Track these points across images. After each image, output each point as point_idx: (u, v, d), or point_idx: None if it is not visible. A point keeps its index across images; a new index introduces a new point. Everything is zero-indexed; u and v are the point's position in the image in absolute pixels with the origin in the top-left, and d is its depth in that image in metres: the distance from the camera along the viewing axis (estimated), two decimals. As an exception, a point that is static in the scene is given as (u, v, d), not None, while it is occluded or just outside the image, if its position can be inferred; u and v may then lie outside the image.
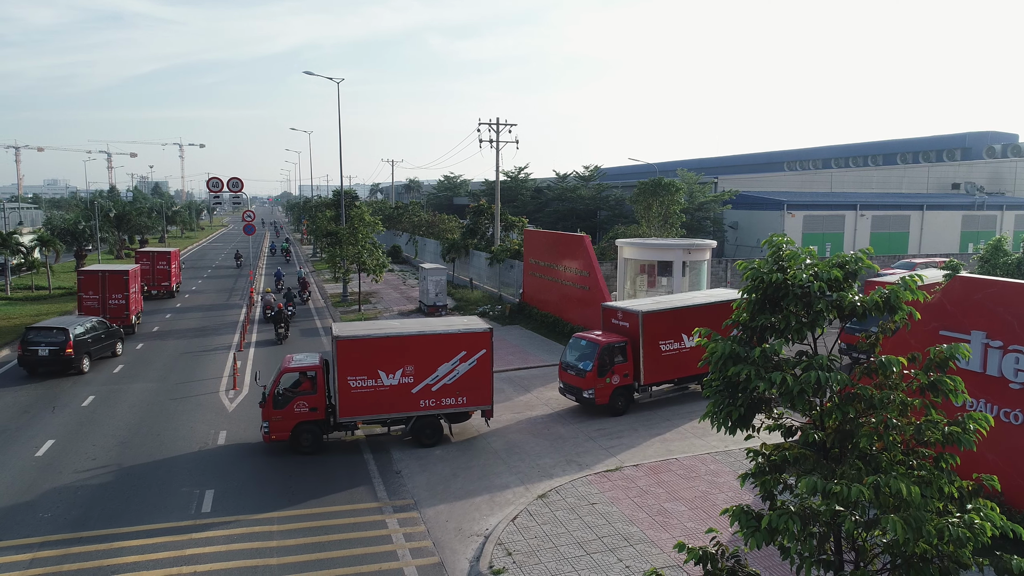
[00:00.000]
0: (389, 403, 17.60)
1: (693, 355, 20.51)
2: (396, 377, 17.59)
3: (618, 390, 19.93)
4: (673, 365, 20.83)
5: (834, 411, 5.54)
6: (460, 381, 18.00)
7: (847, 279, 5.77)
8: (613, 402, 19.88)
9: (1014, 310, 12.87)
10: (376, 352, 17.55)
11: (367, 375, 17.41)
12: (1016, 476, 12.79)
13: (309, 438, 17.41)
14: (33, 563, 12.14)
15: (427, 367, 17.78)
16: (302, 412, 17.26)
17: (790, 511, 5.38)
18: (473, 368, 18.04)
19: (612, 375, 19.78)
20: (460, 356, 17.98)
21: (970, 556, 5.39)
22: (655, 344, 20.36)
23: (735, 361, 5.83)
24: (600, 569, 11.97)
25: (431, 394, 17.85)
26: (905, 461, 5.59)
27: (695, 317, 20.74)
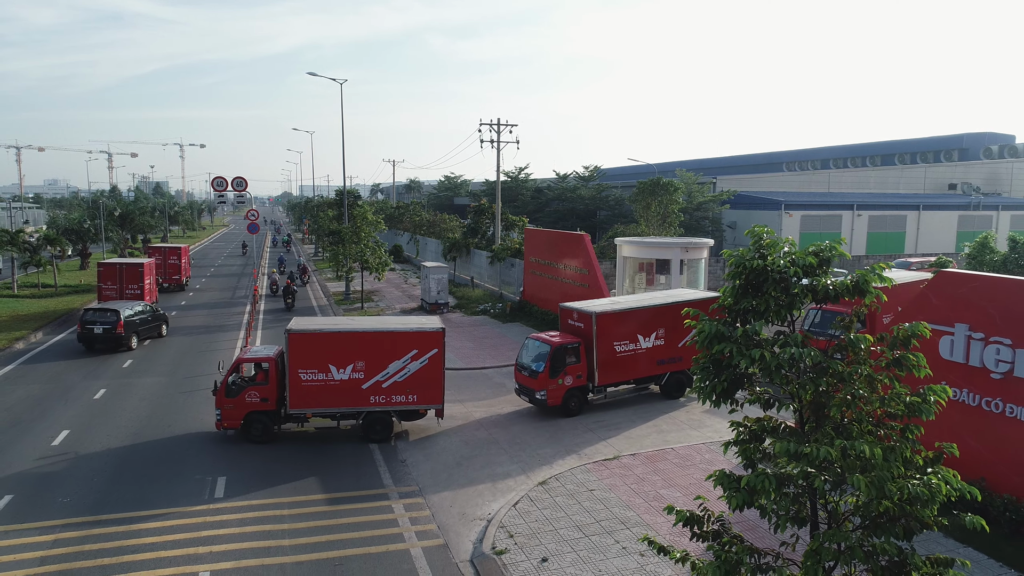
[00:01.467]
0: (339, 398, 17.96)
1: (650, 356, 20.74)
2: (347, 372, 17.88)
3: (571, 391, 19.77)
4: (630, 366, 20.61)
5: (808, 384, 6.10)
6: (411, 379, 18.12)
7: (821, 265, 6.32)
8: (566, 403, 19.74)
9: (995, 303, 13.42)
10: (327, 347, 17.89)
11: (318, 369, 17.79)
12: (997, 462, 13.33)
13: (260, 428, 17.91)
14: (56, 543, 12.70)
15: (378, 364, 17.99)
16: (253, 402, 17.81)
17: (767, 473, 5.93)
18: (424, 367, 18.16)
19: (565, 376, 19.58)
20: (411, 355, 18.10)
21: (931, 515, 5.93)
22: (610, 345, 20.14)
23: (720, 340, 6.37)
24: (598, 550, 12.53)
25: (381, 391, 18.06)
26: (874, 431, 6.13)
27: (653, 318, 20.78)
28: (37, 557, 12.21)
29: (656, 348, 20.79)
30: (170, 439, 18.19)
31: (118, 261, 36.34)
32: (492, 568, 12.09)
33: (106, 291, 34.20)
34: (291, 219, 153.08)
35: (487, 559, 12.38)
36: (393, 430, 18.52)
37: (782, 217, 52.12)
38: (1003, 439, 13.22)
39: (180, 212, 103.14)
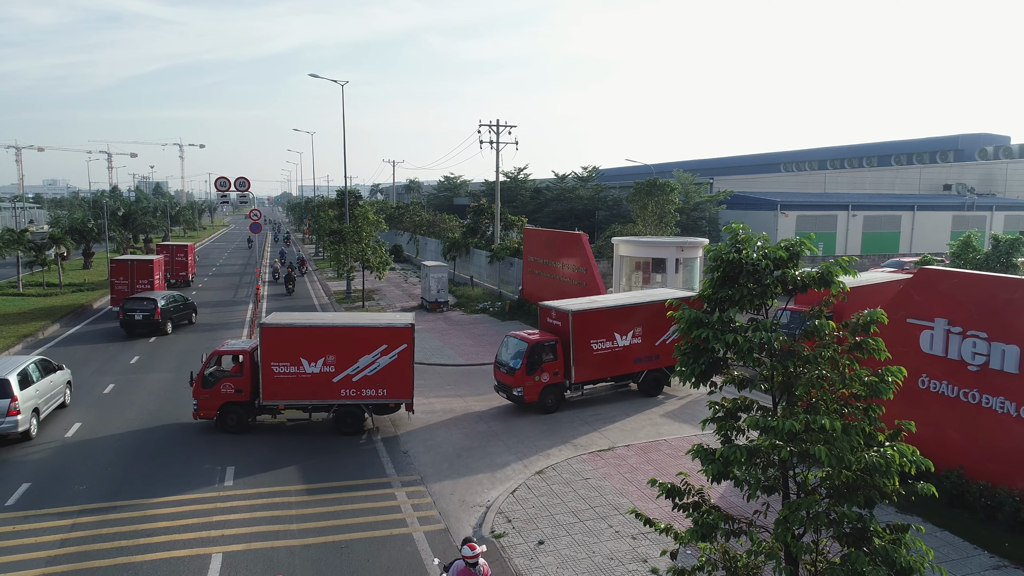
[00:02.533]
0: (311, 390, 18.45)
1: (628, 354, 21.04)
2: (318, 366, 18.36)
3: (548, 388, 20.03)
4: (607, 363, 20.89)
5: (778, 366, 6.69)
6: (381, 373, 18.53)
7: (791, 259, 6.90)
8: (543, 400, 20.01)
9: (972, 299, 14.02)
10: (298, 341, 18.45)
11: (290, 362, 18.30)
12: (975, 451, 13.93)
13: (234, 418, 18.53)
14: (75, 527, 13.29)
15: (348, 358, 18.42)
16: (228, 393, 18.43)
17: (738, 445, 6.52)
18: (394, 362, 18.55)
19: (541, 373, 19.86)
20: (381, 349, 18.50)
21: (891, 486, 6.52)
22: (586, 343, 20.41)
23: (698, 326, 6.95)
24: (592, 533, 13.13)
25: (352, 384, 18.51)
26: (839, 410, 6.72)
27: (631, 316, 21.12)
28: (57, 540, 12.80)
29: (633, 346, 21.16)
30: (178, 432, 18.77)
31: (130, 258, 38.33)
32: (491, 551, 12.65)
33: (118, 286, 36.07)
34: (291, 219, 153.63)
35: (486, 542, 12.95)
36: (364, 424, 18.93)
37: (778, 217, 52.75)
38: (979, 428, 13.82)
39: (181, 212, 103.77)
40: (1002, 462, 13.40)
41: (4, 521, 13.52)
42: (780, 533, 6.55)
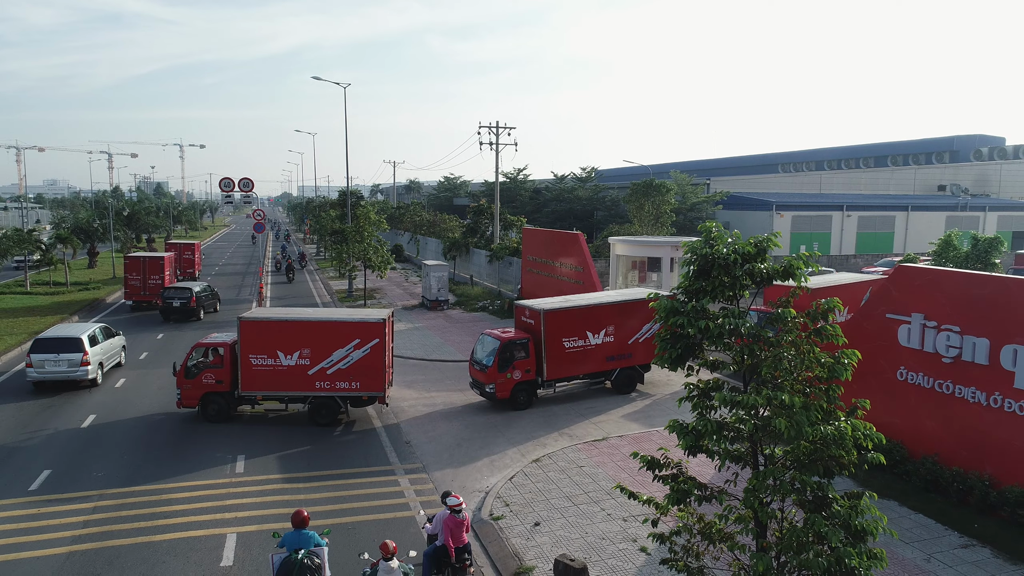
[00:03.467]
0: (287, 382, 19.20)
1: (600, 352, 21.43)
2: (293, 358, 19.10)
3: (520, 385, 20.41)
4: (579, 362, 21.24)
5: (745, 349, 7.42)
6: (354, 367, 19.16)
7: (758, 254, 7.63)
8: (515, 397, 20.39)
9: (946, 294, 14.77)
10: (275, 334, 19.22)
11: (267, 354, 19.11)
12: (950, 439, 14.66)
13: (215, 408, 19.38)
14: (96, 510, 14.04)
15: (322, 351, 19.09)
16: (209, 383, 19.26)
17: (709, 419, 7.26)
18: (366, 356, 19.15)
19: (513, 371, 20.26)
20: (354, 344, 19.11)
21: (848, 459, 7.26)
22: (558, 341, 20.80)
23: (675, 314, 7.69)
24: (585, 516, 13.88)
25: (326, 377, 19.18)
26: (801, 389, 7.45)
27: (603, 315, 21.52)
28: (80, 521, 13.56)
29: (606, 345, 21.55)
30: (189, 424, 19.50)
31: (142, 255, 40.56)
32: (490, 532, 13.43)
33: (131, 281, 38.24)
34: (291, 219, 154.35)
35: (485, 524, 13.72)
36: (340, 416, 19.59)
37: (773, 217, 53.50)
38: (953, 418, 14.55)
39: (183, 212, 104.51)
40: (973, 449, 14.13)
41: (30, 504, 14.28)
42: (749, 501, 7.29)
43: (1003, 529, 12.91)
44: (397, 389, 22.74)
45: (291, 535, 10.47)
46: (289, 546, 10.33)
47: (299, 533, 10.47)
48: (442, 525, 10.95)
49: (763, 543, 7.39)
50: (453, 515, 10.80)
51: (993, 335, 13.71)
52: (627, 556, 12.37)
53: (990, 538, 12.76)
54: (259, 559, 12.29)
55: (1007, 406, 13.48)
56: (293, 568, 9.94)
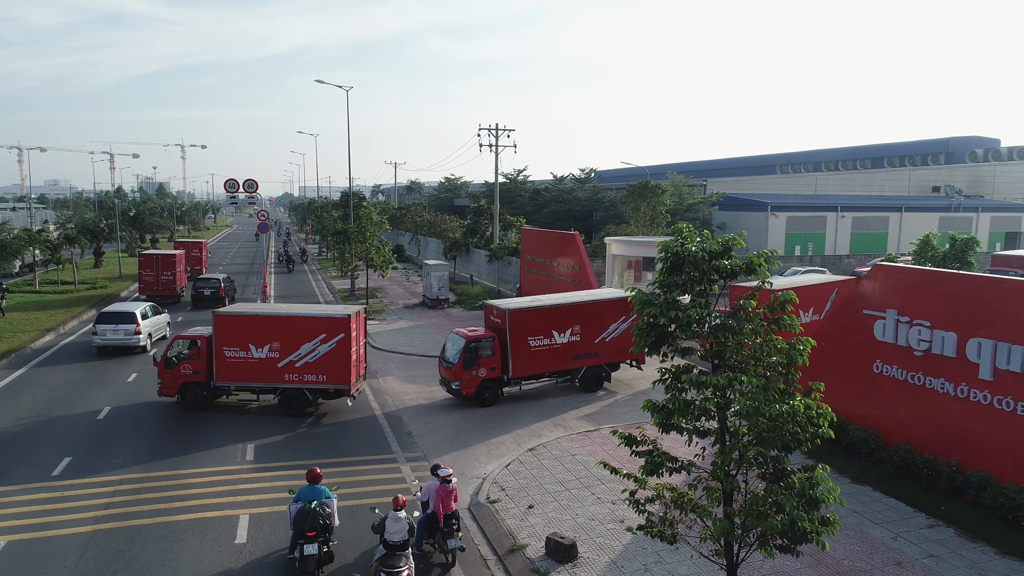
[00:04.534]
0: (258, 374, 20.12)
1: (565, 351, 21.87)
2: (264, 351, 20.01)
3: (485, 382, 20.88)
4: (544, 360, 21.65)
5: (710, 336, 8.26)
6: (320, 361, 19.92)
7: (724, 252, 8.47)
8: (480, 394, 20.86)
9: (918, 291, 15.65)
10: (247, 328, 20.17)
11: (239, 347, 20.06)
12: (921, 428, 15.52)
13: (192, 397, 20.43)
14: (116, 492, 14.93)
15: (291, 345, 19.92)
16: (187, 374, 20.32)
17: (678, 397, 8.12)
18: (332, 350, 19.86)
19: (479, 368, 20.73)
20: (321, 338, 19.87)
21: (804, 435, 8.10)
22: (524, 340, 21.22)
23: (649, 305, 8.54)
24: (576, 500, 14.75)
25: (295, 370, 20.02)
26: (763, 372, 8.30)
27: (569, 315, 21.95)
28: (102, 503, 14.45)
29: (571, 344, 21.98)
30: (199, 415, 20.36)
31: (155, 252, 42.72)
32: (486, 513, 14.31)
33: (145, 276, 40.43)
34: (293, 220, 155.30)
35: (482, 506, 14.60)
36: (309, 408, 20.39)
37: (768, 218, 54.35)
38: (923, 407, 15.42)
39: (187, 212, 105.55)
40: (942, 437, 14.99)
41: (54, 488, 15.17)
42: (716, 473, 8.15)
43: (967, 511, 13.77)
44: (399, 383, 23.62)
45: (305, 489, 11.90)
46: (304, 498, 11.75)
47: (312, 487, 11.91)
48: (433, 494, 12.11)
49: (728, 511, 8.25)
50: (443, 485, 12.00)
51: (960, 329, 14.58)
52: (614, 535, 13.24)
53: (955, 519, 13.62)
54: (271, 537, 13.16)
55: (972, 396, 14.34)
56: (307, 516, 11.35)
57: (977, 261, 26.13)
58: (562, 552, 12.33)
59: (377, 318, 35.66)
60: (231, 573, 12.00)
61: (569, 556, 12.33)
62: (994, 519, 13.35)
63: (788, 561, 12.14)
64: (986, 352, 14.04)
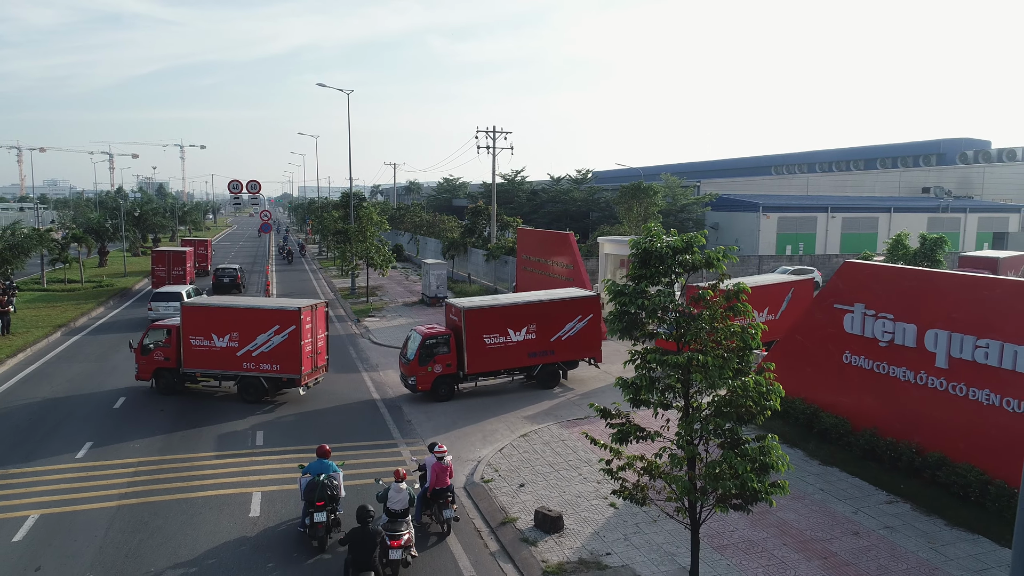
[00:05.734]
0: (220, 362, 21.48)
1: (521, 349, 22.49)
2: (225, 341, 21.35)
3: (440, 378, 21.60)
4: (500, 357, 22.22)
5: (674, 322, 9.38)
6: (274, 351, 21.14)
7: (687, 248, 9.59)
8: (435, 389, 21.58)
9: (883, 286, 16.81)
10: (210, 318, 21.57)
11: (204, 336, 21.44)
12: (885, 414, 16.66)
13: (164, 382, 22.02)
14: (137, 473, 16.07)
15: (248, 336, 21.23)
16: (159, 360, 21.92)
17: (644, 375, 9.24)
18: (285, 341, 21.08)
19: (434, 364, 21.46)
20: (274, 329, 21.12)
21: (755, 409, 9.23)
22: (479, 337, 21.84)
23: (620, 295, 9.66)
24: (564, 480, 15.89)
25: (252, 359, 21.30)
26: (721, 353, 9.41)
27: (525, 314, 22.53)
28: (125, 482, 15.58)
29: (527, 342, 22.55)
30: (211, 404, 21.51)
31: (167, 249, 46.64)
32: (481, 492, 15.45)
33: (158, 271, 43.56)
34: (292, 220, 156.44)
35: (477, 485, 15.74)
36: (264, 395, 21.54)
37: (760, 219, 55.52)
38: (888, 394, 16.57)
39: (188, 213, 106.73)
40: (904, 422, 16.15)
41: (79, 469, 16.31)
42: (680, 442, 9.29)
43: (924, 488, 14.93)
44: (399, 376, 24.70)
45: (315, 463, 13.17)
46: (313, 471, 12.99)
47: (321, 462, 13.19)
48: (429, 469, 13.29)
49: (690, 475, 9.38)
50: (438, 461, 13.20)
51: (919, 321, 15.74)
52: (598, 510, 14.38)
53: (912, 495, 14.78)
54: (282, 511, 14.30)
55: (930, 383, 15.51)
56: (316, 487, 12.58)
57: (947, 260, 27.30)
58: (549, 524, 13.48)
59: (377, 315, 36.81)
60: (246, 540, 13.14)
61: (556, 527, 13.47)
62: (948, 495, 14.51)
63: (756, 531, 13.32)
64: (942, 342, 15.20)
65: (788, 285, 25.99)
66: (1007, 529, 13.08)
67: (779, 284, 25.73)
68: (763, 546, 12.83)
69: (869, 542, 12.97)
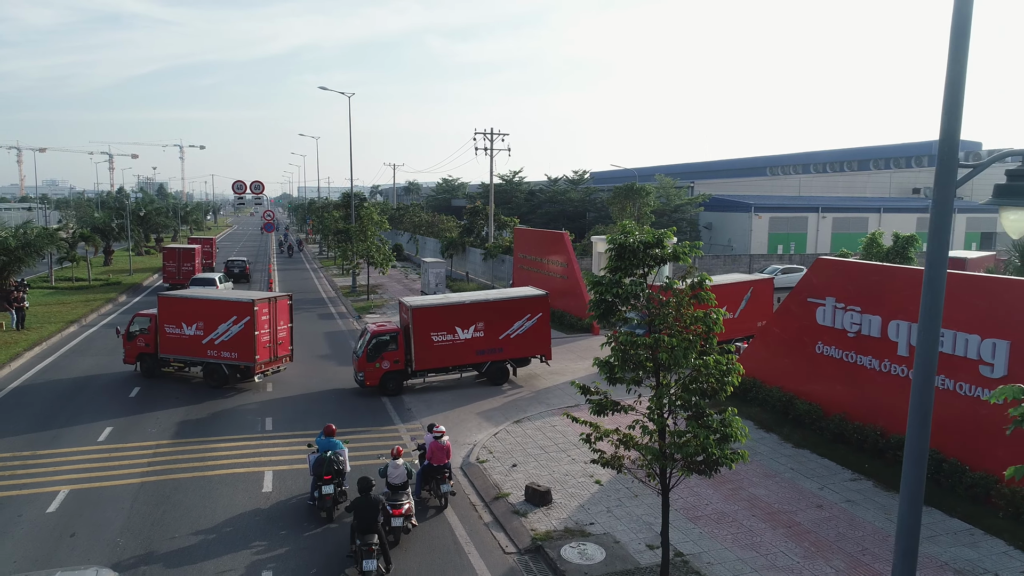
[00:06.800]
0: (188, 348, 23.35)
1: (469, 346, 23.11)
2: (193, 329, 23.22)
3: (388, 374, 22.25)
4: (448, 355, 22.90)
5: (645, 307, 10.55)
6: (232, 340, 22.85)
7: (658, 243, 10.75)
8: (384, 384, 22.26)
9: (851, 281, 18.01)
10: (182, 309, 23.46)
11: (175, 325, 23.42)
12: (854, 399, 17.84)
13: (145, 366, 24.18)
14: (156, 455, 17.26)
15: (212, 325, 22.98)
16: (141, 347, 24.05)
17: (617, 354, 10.42)
18: (241, 331, 22.68)
19: (382, 360, 22.13)
20: (232, 320, 22.78)
21: (718, 385, 10.40)
22: (426, 335, 22.47)
23: (597, 284, 10.83)
24: (554, 460, 17.08)
25: (214, 347, 23.05)
26: (688, 336, 10.56)
27: (472, 313, 23.13)
28: (145, 462, 16.77)
29: (475, 340, 23.16)
30: (222, 396, 22.68)
31: (176, 246, 49.82)
32: (476, 471, 16.63)
33: (169, 267, 46.85)
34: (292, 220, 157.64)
35: (472, 465, 16.93)
36: (226, 381, 23.06)
37: (752, 219, 56.73)
38: (856, 381, 17.77)
39: (190, 213, 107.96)
40: (870, 407, 17.34)
41: (102, 451, 17.50)
42: (651, 415, 10.49)
43: (887, 467, 16.12)
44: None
45: (322, 441, 14.45)
46: (321, 448, 14.29)
47: (328, 440, 14.47)
48: (428, 448, 14.53)
49: (660, 443, 10.56)
50: (436, 441, 14.33)
51: (883, 313, 16.95)
52: (584, 487, 15.57)
53: (875, 474, 15.98)
54: (292, 487, 15.48)
55: (893, 370, 16.71)
56: (324, 463, 13.86)
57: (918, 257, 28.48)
58: (539, 497, 14.67)
59: (378, 312, 37.95)
60: (260, 511, 14.34)
61: (544, 501, 14.66)
62: (907, 473, 15.70)
63: (728, 504, 14.53)
64: (903, 332, 16.41)
65: (747, 285, 26.86)
66: (959, 502, 14.32)
67: (738, 284, 26.56)
68: (734, 517, 14.03)
69: (831, 513, 14.17)
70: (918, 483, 6.61)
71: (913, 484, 6.60)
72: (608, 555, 12.57)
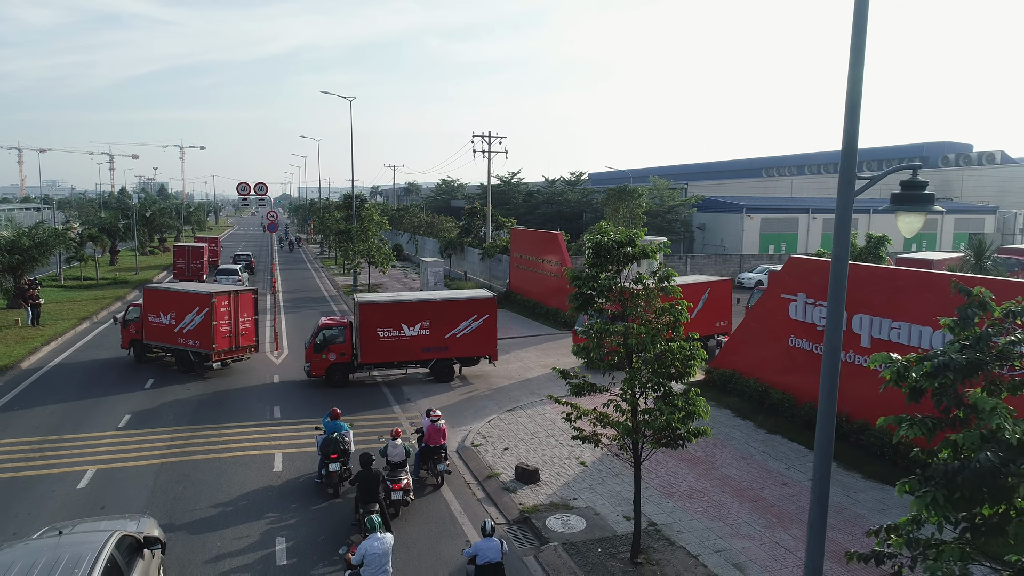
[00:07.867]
0: (164, 336, 25.68)
1: (415, 343, 23.86)
2: (167, 319, 25.48)
3: (334, 366, 23.21)
4: (394, 350, 23.68)
5: (617, 299, 11.83)
6: (195, 329, 24.84)
7: (630, 242, 12.03)
8: (329, 375, 23.27)
9: (820, 278, 19.32)
10: (160, 300, 25.74)
11: (156, 315, 25.79)
12: (823, 389, 19.16)
13: (134, 350, 26.84)
14: (173, 439, 18.56)
15: (181, 315, 25.07)
16: (132, 333, 26.69)
17: (592, 339, 11.74)
18: (202, 321, 24.64)
19: (328, 353, 23.13)
20: (195, 311, 24.76)
21: (684, 369, 11.69)
22: (372, 330, 23.25)
23: (576, 279, 12.11)
24: (543, 445, 18.39)
25: (183, 335, 25.16)
26: (656, 325, 11.85)
27: (418, 311, 23.93)
28: (163, 446, 18.08)
29: (421, 337, 23.96)
30: (232, 386, 23.98)
31: (185, 244, 53.49)
32: (470, 454, 17.94)
33: (179, 264, 50.26)
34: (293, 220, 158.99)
35: (467, 449, 18.25)
36: (193, 369, 25.12)
37: (744, 220, 58.05)
38: (824, 372, 19.06)
39: (193, 213, 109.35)
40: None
41: (123, 436, 18.81)
42: (624, 395, 11.79)
43: (850, 450, 17.42)
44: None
45: (328, 423, 15.77)
46: (327, 430, 15.60)
47: (334, 422, 15.81)
48: (425, 431, 15.82)
49: (632, 421, 11.87)
50: (432, 424, 15.60)
51: (848, 307, 18.24)
52: (570, 467, 16.88)
53: (839, 456, 17.22)
54: (300, 468, 16.79)
55: (856, 361, 18.02)
56: (330, 443, 15.20)
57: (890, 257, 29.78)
58: (527, 476, 15.98)
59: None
60: (272, 488, 15.65)
61: (533, 479, 15.97)
62: (867, 455, 17.04)
63: (701, 483, 15.83)
64: (865, 325, 17.74)
65: (704, 285, 27.72)
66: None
67: (695, 284, 27.45)
68: (705, 493, 15.34)
69: (794, 490, 15.49)
70: (828, 437, 7.91)
71: (824, 440, 7.90)
72: (588, 525, 13.88)
